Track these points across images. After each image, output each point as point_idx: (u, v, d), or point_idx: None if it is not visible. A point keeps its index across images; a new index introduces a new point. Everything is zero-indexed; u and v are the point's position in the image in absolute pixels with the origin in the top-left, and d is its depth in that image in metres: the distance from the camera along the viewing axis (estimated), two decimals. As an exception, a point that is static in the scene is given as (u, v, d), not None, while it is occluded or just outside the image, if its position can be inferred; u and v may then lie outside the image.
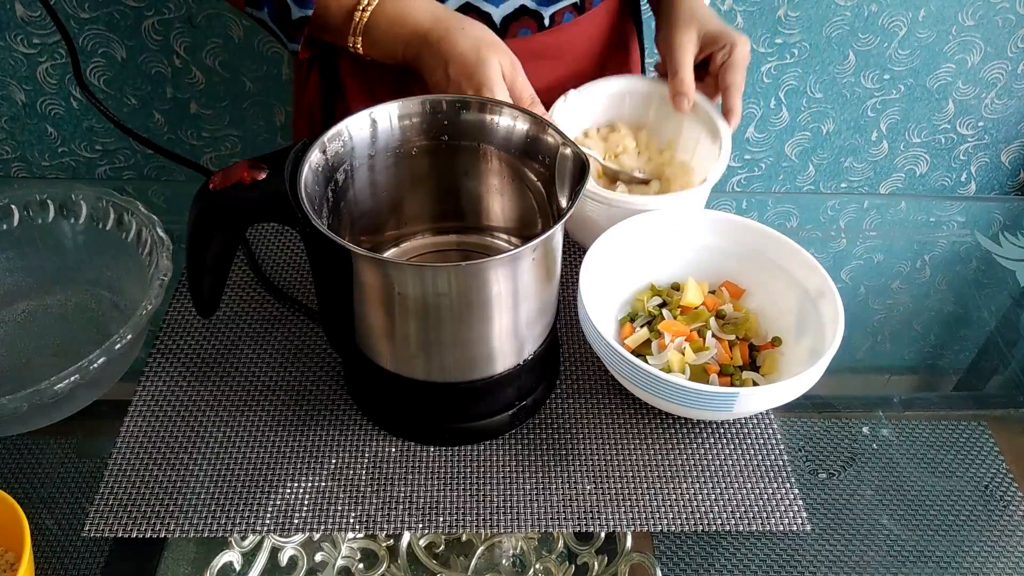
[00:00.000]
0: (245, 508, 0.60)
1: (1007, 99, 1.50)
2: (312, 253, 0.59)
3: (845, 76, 1.44)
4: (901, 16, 1.37)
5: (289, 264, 0.79)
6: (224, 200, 0.56)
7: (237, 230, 0.60)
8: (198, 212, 0.58)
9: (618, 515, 0.60)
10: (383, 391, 0.64)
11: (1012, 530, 0.62)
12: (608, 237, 0.69)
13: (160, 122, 1.45)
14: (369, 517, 0.60)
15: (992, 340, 0.80)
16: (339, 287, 0.57)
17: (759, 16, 1.36)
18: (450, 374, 0.60)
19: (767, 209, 0.95)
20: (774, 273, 0.71)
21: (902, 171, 1.60)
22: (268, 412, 0.66)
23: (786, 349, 0.68)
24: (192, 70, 1.38)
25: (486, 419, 0.64)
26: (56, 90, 1.40)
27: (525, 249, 0.52)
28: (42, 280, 0.73)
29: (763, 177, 1.58)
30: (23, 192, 0.72)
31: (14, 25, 1.32)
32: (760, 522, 0.60)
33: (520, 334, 0.60)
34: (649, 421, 0.66)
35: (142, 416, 0.65)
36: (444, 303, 0.55)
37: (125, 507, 0.59)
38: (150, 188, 1.09)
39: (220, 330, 0.72)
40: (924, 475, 0.65)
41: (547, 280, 0.59)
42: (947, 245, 0.90)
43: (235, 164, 0.56)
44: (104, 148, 1.49)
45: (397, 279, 0.54)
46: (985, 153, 1.58)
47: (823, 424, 0.68)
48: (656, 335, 0.69)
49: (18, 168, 1.52)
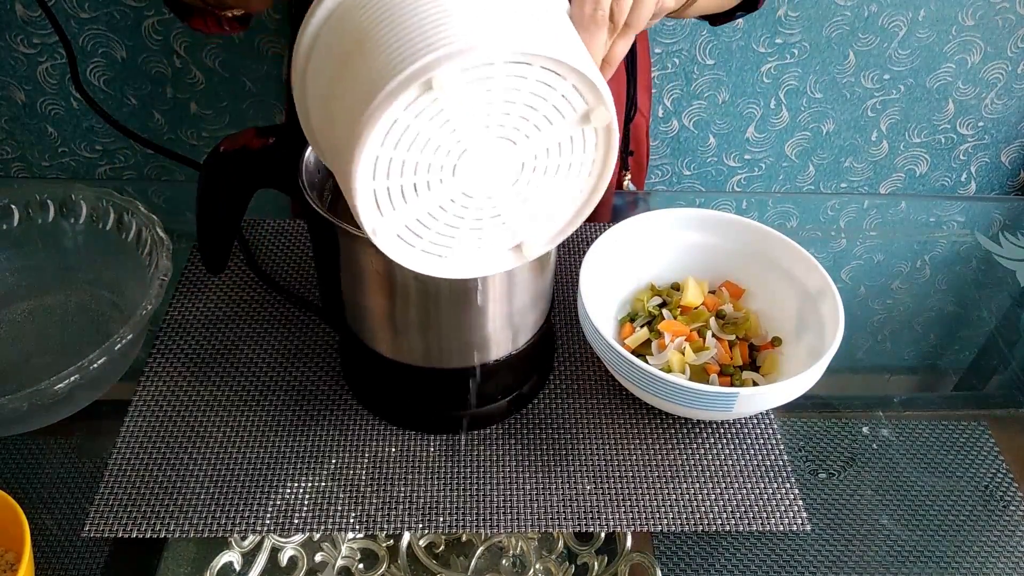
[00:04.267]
0: (245, 508, 0.60)
1: (1007, 99, 1.50)
2: (311, 232, 0.61)
3: (845, 76, 1.44)
4: (901, 16, 1.37)
5: (289, 263, 0.79)
6: (230, 161, 0.60)
7: (242, 191, 0.63)
8: (206, 171, 0.61)
9: (618, 515, 0.60)
10: (380, 377, 0.65)
11: (1012, 530, 0.61)
12: (608, 237, 0.69)
13: (160, 122, 1.45)
14: (369, 517, 0.60)
15: (992, 340, 0.80)
16: (329, 264, 0.60)
17: (759, 16, 1.36)
18: (444, 359, 0.61)
19: (767, 209, 0.95)
20: (774, 273, 0.71)
21: (902, 171, 1.60)
22: (268, 412, 0.66)
23: (786, 349, 0.68)
24: (192, 70, 1.38)
25: (483, 406, 0.65)
26: (56, 90, 1.40)
27: None
28: (42, 280, 0.73)
29: (763, 177, 1.58)
30: (23, 192, 0.72)
31: (14, 25, 1.32)
32: (760, 522, 0.60)
33: (514, 322, 0.60)
34: (649, 421, 0.66)
35: (142, 416, 0.65)
36: (430, 286, 0.56)
37: (125, 507, 0.59)
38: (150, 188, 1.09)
39: (220, 330, 0.72)
40: (924, 475, 0.65)
41: (539, 268, 0.60)
42: (947, 245, 0.90)
43: (245, 130, 0.60)
44: (104, 148, 1.49)
45: (372, 255, 0.55)
46: (985, 153, 1.58)
47: (823, 424, 0.68)
48: (656, 335, 0.69)
49: (18, 168, 1.52)
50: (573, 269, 0.78)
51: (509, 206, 0.46)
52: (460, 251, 0.47)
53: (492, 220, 0.46)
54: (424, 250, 0.46)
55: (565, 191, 0.47)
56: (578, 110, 0.43)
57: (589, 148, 0.45)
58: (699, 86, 1.44)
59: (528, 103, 0.42)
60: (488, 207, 0.45)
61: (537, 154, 0.44)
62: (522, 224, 0.47)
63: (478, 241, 0.47)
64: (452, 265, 0.47)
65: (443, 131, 0.41)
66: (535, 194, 0.46)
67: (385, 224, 0.44)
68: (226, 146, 0.60)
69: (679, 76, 1.43)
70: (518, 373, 0.66)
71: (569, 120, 0.43)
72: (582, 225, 0.84)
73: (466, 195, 0.44)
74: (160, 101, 1.42)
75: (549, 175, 0.46)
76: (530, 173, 0.45)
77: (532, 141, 0.43)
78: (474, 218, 0.46)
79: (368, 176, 0.41)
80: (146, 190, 0.98)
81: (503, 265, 0.49)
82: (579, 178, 0.47)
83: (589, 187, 0.47)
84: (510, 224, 0.47)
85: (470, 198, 0.44)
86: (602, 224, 0.85)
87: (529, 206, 0.47)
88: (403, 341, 0.61)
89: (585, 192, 0.48)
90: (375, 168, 0.41)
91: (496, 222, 0.46)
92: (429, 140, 0.41)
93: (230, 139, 0.60)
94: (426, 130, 0.41)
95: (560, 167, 0.46)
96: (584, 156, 0.46)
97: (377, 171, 0.41)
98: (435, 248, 0.46)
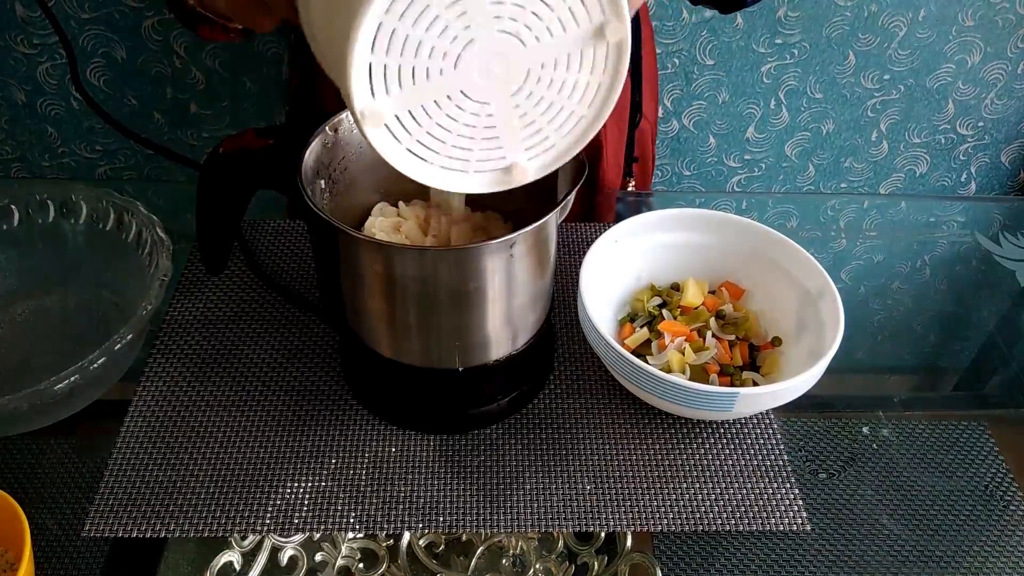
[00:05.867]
0: (245, 508, 0.60)
1: (1007, 99, 1.50)
2: (310, 232, 0.61)
3: (845, 76, 1.44)
4: (901, 16, 1.37)
5: (289, 263, 0.79)
6: (228, 162, 0.60)
7: (241, 192, 0.63)
8: (206, 172, 0.61)
9: (618, 515, 0.60)
10: (380, 377, 0.65)
11: (1012, 530, 0.61)
12: (608, 237, 0.69)
13: (160, 122, 1.45)
14: (369, 517, 0.60)
15: (992, 340, 0.80)
16: (329, 264, 0.60)
17: (759, 16, 1.36)
18: (444, 359, 0.61)
19: (767, 209, 0.95)
20: (774, 273, 0.71)
21: (902, 171, 1.60)
22: (268, 412, 0.66)
23: (786, 349, 0.68)
24: (192, 70, 1.38)
25: (482, 406, 0.65)
26: (56, 90, 1.40)
27: (502, 241, 0.53)
28: (42, 280, 0.73)
29: (763, 177, 1.58)
30: (23, 192, 0.72)
31: (14, 25, 1.32)
32: (760, 522, 0.60)
33: (513, 322, 0.60)
34: (649, 421, 0.66)
35: (142, 416, 0.65)
36: (429, 286, 0.56)
37: (125, 507, 0.59)
38: (150, 188, 1.09)
39: (220, 330, 0.72)
40: (924, 475, 0.65)
41: (539, 269, 0.60)
42: (947, 245, 0.90)
43: (245, 131, 0.60)
44: (104, 148, 1.49)
45: (372, 256, 0.55)
46: (985, 153, 1.58)
47: (823, 424, 0.68)
48: (656, 335, 0.69)
49: (18, 168, 1.52)
50: (573, 269, 0.78)
51: (505, 119, 0.44)
52: (447, 158, 0.45)
53: (486, 131, 0.44)
54: (410, 148, 0.44)
55: (565, 115, 0.45)
56: (594, 21, 0.42)
57: (597, 69, 0.44)
58: (699, 86, 1.44)
59: (545, 0, 0.40)
60: (484, 114, 0.44)
61: (544, 62, 0.42)
62: (515, 144, 0.45)
63: (467, 152, 0.45)
64: (435, 173, 0.45)
65: (452, 11, 0.39)
66: (533, 110, 0.44)
67: (375, 108, 0.42)
68: (225, 147, 0.60)
69: (679, 76, 1.43)
70: (518, 373, 0.66)
71: (583, 29, 0.42)
72: (582, 225, 0.84)
73: (464, 94, 0.42)
74: (160, 101, 1.42)
75: (552, 91, 0.44)
76: (533, 84, 0.43)
77: (541, 46, 0.42)
78: (467, 124, 0.44)
79: (367, 46, 0.39)
80: (146, 190, 0.98)
81: (489, 185, 0.47)
82: (582, 103, 0.45)
83: (592, 115, 0.46)
84: (503, 140, 0.45)
85: (467, 99, 0.43)
86: (602, 224, 0.85)
87: (525, 124, 0.45)
88: (403, 341, 0.61)
89: (587, 119, 0.46)
90: (375, 39, 0.39)
91: (490, 133, 0.45)
92: (436, 18, 0.39)
93: (230, 140, 0.60)
94: (435, 6, 0.39)
95: (564, 84, 0.44)
96: (591, 77, 0.44)
97: (377, 44, 0.39)
98: (421, 149, 0.44)
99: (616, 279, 0.72)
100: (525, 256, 0.57)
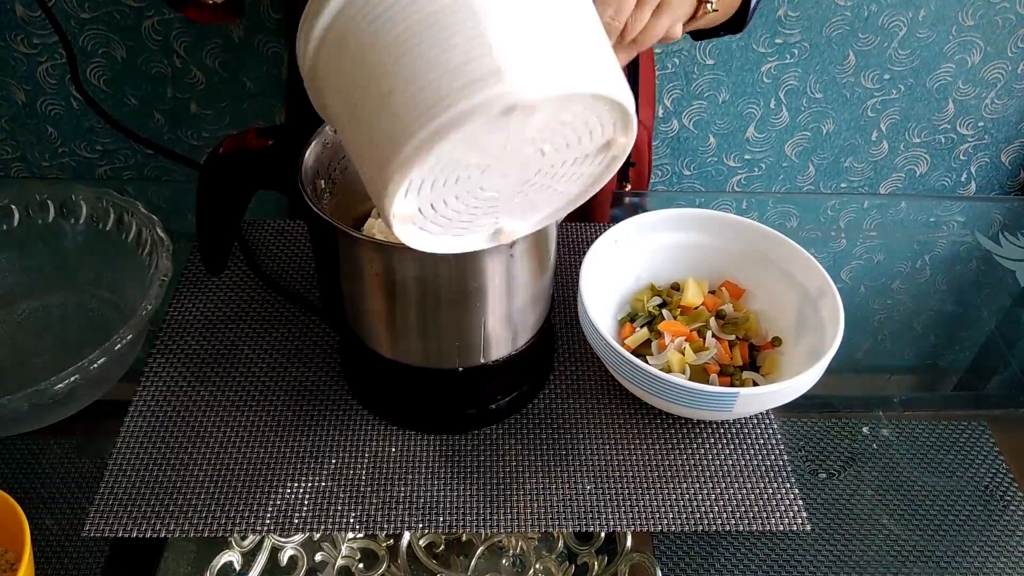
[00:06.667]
0: (245, 508, 0.60)
1: (1007, 99, 1.50)
2: (310, 232, 0.61)
3: (845, 76, 1.44)
4: (901, 16, 1.37)
5: (289, 263, 0.79)
6: (228, 163, 0.60)
7: (241, 192, 0.63)
8: (206, 172, 0.61)
9: (618, 515, 0.60)
10: (380, 377, 0.65)
11: (1012, 530, 0.61)
12: (608, 237, 0.69)
13: (160, 122, 1.45)
14: (369, 517, 0.60)
15: (992, 340, 0.80)
16: (329, 264, 0.60)
17: (759, 16, 1.36)
18: (444, 359, 0.61)
19: (767, 209, 0.95)
20: (774, 273, 0.71)
21: (902, 171, 1.60)
22: (268, 412, 0.66)
23: (786, 349, 0.68)
24: (192, 70, 1.38)
25: (482, 406, 0.65)
26: (56, 90, 1.40)
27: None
28: (42, 280, 0.73)
29: (763, 177, 1.58)
30: (23, 192, 0.72)
31: (14, 25, 1.32)
32: (760, 522, 0.60)
33: (513, 322, 0.61)
34: (649, 421, 0.66)
35: (142, 416, 0.65)
36: (429, 286, 0.56)
37: (125, 507, 0.59)
38: (150, 188, 1.09)
39: (220, 330, 0.72)
40: (924, 475, 0.65)
41: (539, 269, 0.60)
42: (947, 245, 0.90)
43: (245, 131, 0.60)
44: (104, 148, 1.49)
45: (372, 256, 0.55)
46: (985, 153, 1.58)
47: (823, 424, 0.68)
48: (656, 335, 0.69)
49: (18, 168, 1.52)
50: (573, 269, 0.78)
51: (508, 200, 0.47)
52: (450, 232, 0.48)
53: (489, 209, 0.47)
54: (421, 227, 0.46)
55: (556, 194, 0.49)
56: (606, 136, 0.45)
57: (595, 165, 0.47)
58: (699, 86, 1.44)
59: (570, 123, 0.43)
60: (491, 199, 0.47)
61: (554, 163, 0.45)
62: (510, 213, 0.49)
63: (468, 224, 0.48)
64: (437, 241, 0.48)
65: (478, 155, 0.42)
66: (532, 192, 0.47)
67: (405, 211, 0.44)
68: (225, 147, 0.60)
69: (679, 76, 1.43)
70: (518, 373, 0.66)
71: (596, 142, 0.45)
72: (582, 225, 0.84)
73: (481, 189, 0.45)
74: (160, 101, 1.42)
75: (551, 180, 0.47)
76: (539, 178, 0.46)
77: (557, 154, 0.45)
78: (475, 207, 0.47)
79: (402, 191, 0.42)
80: (146, 190, 0.98)
81: (478, 245, 0.50)
82: (575, 187, 0.49)
83: (579, 192, 0.50)
84: (500, 211, 0.48)
85: (483, 191, 0.45)
86: (602, 224, 0.85)
87: (522, 200, 0.48)
88: (403, 341, 0.61)
89: (576, 195, 0.50)
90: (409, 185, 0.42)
91: (492, 211, 0.48)
92: (463, 162, 0.42)
93: (229, 140, 0.60)
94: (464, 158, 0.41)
95: (564, 176, 0.47)
96: (587, 171, 0.47)
97: (410, 188, 0.42)
98: (431, 227, 0.47)
99: (616, 279, 0.72)
100: (525, 256, 0.57)
